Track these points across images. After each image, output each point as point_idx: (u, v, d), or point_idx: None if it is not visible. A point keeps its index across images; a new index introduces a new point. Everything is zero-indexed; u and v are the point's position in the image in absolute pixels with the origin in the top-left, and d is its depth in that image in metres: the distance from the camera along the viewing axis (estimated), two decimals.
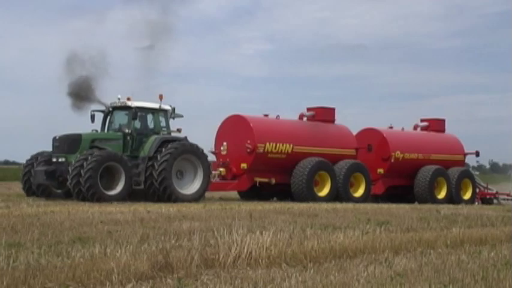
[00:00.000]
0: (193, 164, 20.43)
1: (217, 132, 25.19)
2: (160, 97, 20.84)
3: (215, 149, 24.92)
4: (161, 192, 19.28)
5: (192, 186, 20.35)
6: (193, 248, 8.03)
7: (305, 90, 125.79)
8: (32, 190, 19.79)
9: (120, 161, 18.81)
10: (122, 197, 18.49)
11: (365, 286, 6.35)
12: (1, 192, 21.16)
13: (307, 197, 23.07)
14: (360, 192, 25.10)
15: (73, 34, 67.37)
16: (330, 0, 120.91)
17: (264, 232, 8.63)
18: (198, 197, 20.17)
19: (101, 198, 17.91)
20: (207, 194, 23.11)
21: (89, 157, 18.12)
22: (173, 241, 9.01)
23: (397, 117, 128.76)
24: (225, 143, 24.52)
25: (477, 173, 32.09)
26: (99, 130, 20.93)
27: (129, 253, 7.54)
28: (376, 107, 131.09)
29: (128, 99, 20.72)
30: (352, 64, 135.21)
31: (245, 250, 7.73)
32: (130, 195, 19.11)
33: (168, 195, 19.27)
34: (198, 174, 20.44)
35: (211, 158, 25.08)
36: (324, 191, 24.00)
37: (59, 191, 19.02)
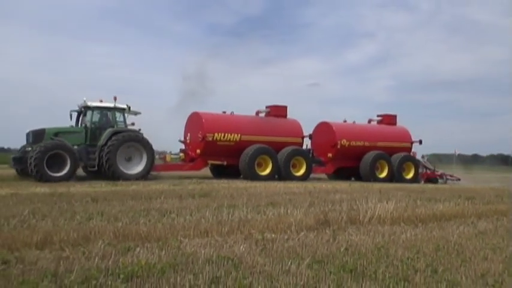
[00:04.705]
0: (139, 151, 21.95)
1: (185, 125, 27.10)
2: (115, 98, 22.26)
3: (184, 139, 27.10)
4: (108, 172, 20.84)
5: (137, 168, 21.86)
6: (343, 211, 10.23)
7: (414, 110, 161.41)
8: (21, 173, 20.93)
9: (66, 149, 19.83)
10: (67, 178, 19.46)
11: (457, 239, 7.89)
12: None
13: (250, 175, 24.39)
14: (301, 172, 26.16)
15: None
16: (434, 51, 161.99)
17: (388, 202, 11.18)
18: (140, 177, 21.29)
19: (46, 179, 18.93)
20: (178, 174, 25.42)
21: (37, 147, 19.37)
22: (330, 206, 11.54)
23: (474, 128, 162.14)
24: (189, 134, 26.58)
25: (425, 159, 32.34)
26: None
27: (302, 213, 9.75)
28: (462, 120, 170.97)
29: (101, 101, 22.28)
30: (447, 92, 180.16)
31: (376, 213, 9.77)
32: (87, 175, 20.90)
33: (113, 175, 20.80)
34: (143, 159, 21.95)
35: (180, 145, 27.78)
36: (266, 171, 25.16)
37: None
